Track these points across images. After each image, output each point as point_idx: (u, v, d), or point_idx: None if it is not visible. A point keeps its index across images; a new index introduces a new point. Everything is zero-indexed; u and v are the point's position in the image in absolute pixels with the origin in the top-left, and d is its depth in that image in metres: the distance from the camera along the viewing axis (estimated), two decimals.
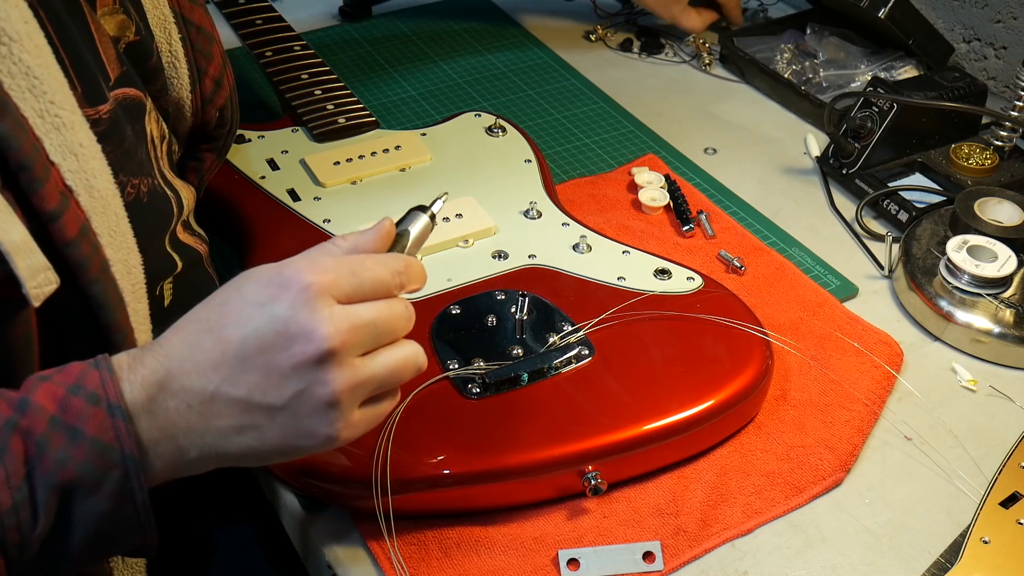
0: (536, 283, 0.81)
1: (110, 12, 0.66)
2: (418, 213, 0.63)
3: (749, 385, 0.74)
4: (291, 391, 0.53)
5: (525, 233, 0.87)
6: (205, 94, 0.76)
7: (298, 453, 0.56)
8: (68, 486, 0.50)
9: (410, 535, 0.67)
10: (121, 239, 0.60)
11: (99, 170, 0.59)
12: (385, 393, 0.57)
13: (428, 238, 0.64)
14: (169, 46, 0.72)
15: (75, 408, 0.50)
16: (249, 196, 0.89)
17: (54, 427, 0.50)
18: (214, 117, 0.79)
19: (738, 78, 1.20)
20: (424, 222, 0.63)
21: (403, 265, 0.57)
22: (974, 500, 0.72)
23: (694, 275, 0.82)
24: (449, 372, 0.72)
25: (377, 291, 0.56)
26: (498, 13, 1.32)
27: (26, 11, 0.56)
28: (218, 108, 0.78)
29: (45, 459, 0.50)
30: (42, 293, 0.53)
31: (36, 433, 0.50)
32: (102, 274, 0.58)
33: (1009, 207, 0.90)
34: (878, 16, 1.09)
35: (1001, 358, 0.83)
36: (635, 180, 0.99)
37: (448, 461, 0.67)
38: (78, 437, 0.50)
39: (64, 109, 0.56)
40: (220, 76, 0.77)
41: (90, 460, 0.50)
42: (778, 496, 0.71)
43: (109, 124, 0.61)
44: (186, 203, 0.72)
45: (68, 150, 0.56)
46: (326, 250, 0.58)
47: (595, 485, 0.68)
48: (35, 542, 0.50)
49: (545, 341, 0.75)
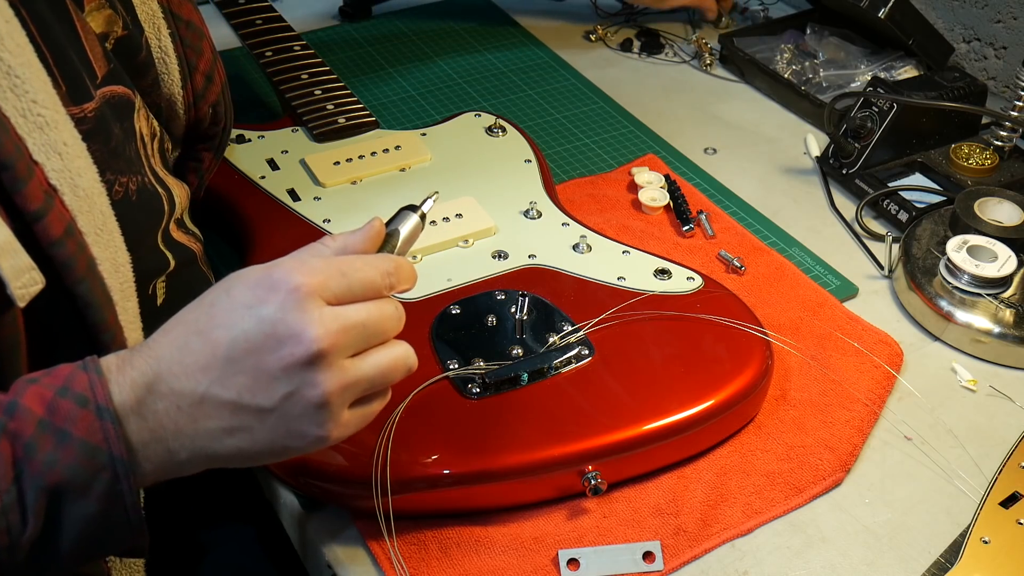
0: (536, 283, 0.81)
1: (97, 8, 0.66)
2: (408, 213, 0.63)
3: (749, 385, 0.74)
4: (281, 393, 0.53)
5: (525, 233, 0.87)
6: (197, 89, 0.76)
7: (288, 453, 0.55)
8: (57, 489, 0.50)
9: (410, 535, 0.67)
10: (108, 237, 0.60)
11: (84, 169, 0.59)
12: (375, 393, 0.57)
13: (422, 237, 0.63)
14: (159, 41, 0.71)
15: (63, 410, 0.50)
16: (249, 196, 0.89)
17: (42, 430, 0.50)
18: (207, 114, 0.78)
19: (738, 78, 1.20)
20: (414, 222, 0.62)
21: (393, 266, 0.57)
22: (974, 500, 0.72)
23: (694, 275, 0.82)
24: (449, 372, 0.72)
25: (367, 292, 0.55)
26: (498, 13, 1.32)
27: (7, 10, 0.56)
28: (211, 104, 0.78)
29: (33, 462, 0.49)
30: (27, 293, 0.53)
31: (24, 436, 0.50)
32: (88, 273, 0.57)
33: (1009, 207, 0.90)
34: (878, 16, 1.09)
35: (1001, 358, 0.83)
36: (635, 180, 0.99)
37: (448, 461, 0.67)
38: (66, 440, 0.50)
39: (47, 108, 0.56)
40: (211, 71, 0.77)
41: (79, 463, 0.50)
42: (778, 496, 0.71)
43: (94, 122, 0.61)
44: (179, 201, 0.72)
45: (52, 149, 0.56)
46: (315, 251, 0.57)
47: (595, 485, 0.68)
48: (25, 544, 0.50)
49: (545, 341, 0.75)
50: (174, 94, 0.74)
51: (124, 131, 0.65)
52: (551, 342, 0.75)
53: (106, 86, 0.64)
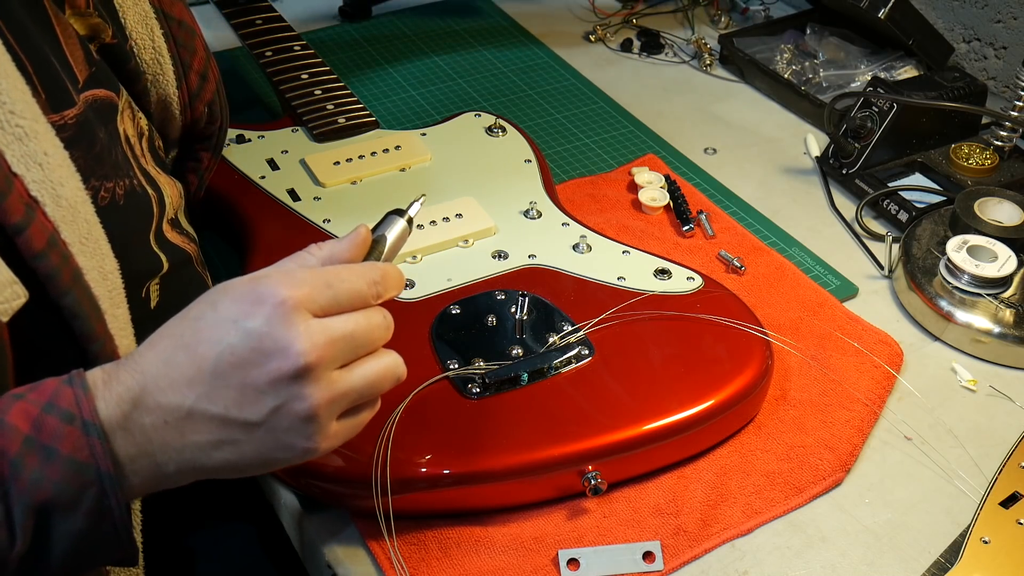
0: (536, 283, 0.81)
1: (82, 14, 0.65)
2: (395, 217, 0.61)
3: (749, 385, 0.74)
4: (268, 407, 0.52)
5: (525, 233, 0.87)
6: (192, 89, 0.75)
7: (277, 464, 0.55)
8: (45, 506, 0.50)
9: (410, 535, 0.67)
10: (94, 246, 0.59)
11: (67, 177, 0.58)
12: (364, 404, 0.56)
13: (422, 237, 0.63)
14: (152, 42, 0.71)
15: (49, 427, 0.50)
16: (249, 196, 0.89)
17: (28, 447, 0.49)
18: (204, 113, 0.78)
19: (738, 78, 1.20)
20: (401, 227, 0.61)
21: (379, 274, 0.56)
22: (974, 500, 0.72)
23: (694, 275, 0.82)
24: (449, 372, 0.72)
25: (354, 302, 0.55)
26: (498, 13, 1.32)
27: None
28: (206, 103, 0.78)
29: (20, 480, 0.49)
30: (10, 308, 0.53)
31: (10, 454, 0.49)
32: (74, 284, 0.57)
33: (1009, 207, 0.90)
34: (878, 16, 1.09)
35: (1001, 358, 0.83)
36: (635, 180, 0.99)
37: (448, 461, 0.67)
38: (53, 457, 0.50)
39: (26, 118, 0.55)
40: (205, 70, 0.76)
41: (66, 480, 0.50)
42: (778, 496, 0.71)
43: (76, 129, 0.60)
44: (169, 200, 0.71)
45: (32, 160, 0.55)
46: (301, 260, 0.57)
47: (595, 485, 0.68)
48: (13, 560, 0.49)
49: (545, 341, 0.75)
50: (169, 95, 0.73)
51: (109, 134, 0.64)
52: (551, 342, 0.75)
53: (88, 90, 0.63)
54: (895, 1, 1.09)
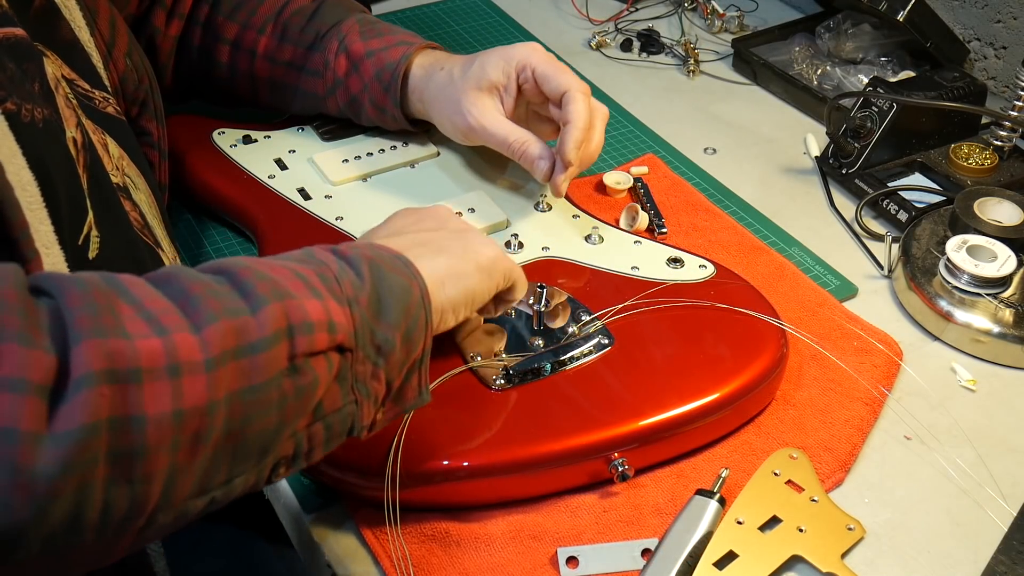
0: (552, 274, 0.82)
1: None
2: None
3: (769, 367, 0.75)
4: (461, 228, 0.68)
5: (537, 226, 0.88)
6: (105, 37, 0.75)
7: (475, 259, 0.65)
8: (373, 262, 0.58)
9: (410, 533, 0.67)
10: (8, 151, 0.56)
11: None
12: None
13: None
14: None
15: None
16: (259, 196, 0.89)
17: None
18: (127, 67, 0.77)
19: (751, 81, 1.20)
20: None
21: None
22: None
23: (706, 263, 0.83)
24: (473, 363, 0.73)
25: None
26: (498, 14, 1.32)
27: None
28: (124, 53, 0.77)
29: (346, 253, 0.58)
30: None
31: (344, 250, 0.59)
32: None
33: (1009, 207, 0.90)
34: (897, 19, 1.09)
35: (1001, 358, 0.83)
36: (604, 181, 0.98)
37: (474, 451, 0.67)
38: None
39: None
40: (112, 18, 0.77)
41: (386, 251, 0.60)
42: None
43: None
44: (113, 159, 0.70)
45: None
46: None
47: (623, 472, 0.68)
48: (364, 301, 0.55)
49: (565, 332, 0.76)
50: (86, 42, 0.72)
51: (23, 71, 0.61)
52: (571, 332, 0.76)
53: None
54: (914, 3, 1.08)
